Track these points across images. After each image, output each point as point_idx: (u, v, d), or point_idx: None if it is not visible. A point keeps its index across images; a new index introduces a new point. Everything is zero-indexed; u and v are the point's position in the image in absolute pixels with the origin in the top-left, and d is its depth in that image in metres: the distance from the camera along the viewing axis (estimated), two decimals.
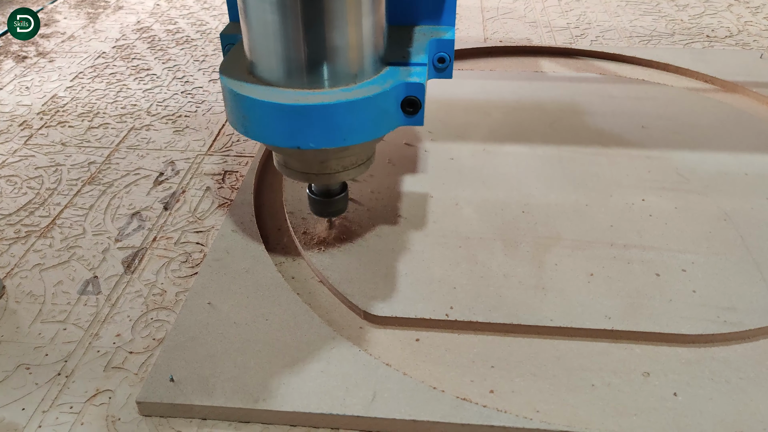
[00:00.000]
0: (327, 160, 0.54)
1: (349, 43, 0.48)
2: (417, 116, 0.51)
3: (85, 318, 0.58)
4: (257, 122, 0.48)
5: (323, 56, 0.47)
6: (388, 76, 0.50)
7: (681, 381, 0.50)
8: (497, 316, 0.55)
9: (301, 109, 0.46)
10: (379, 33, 0.50)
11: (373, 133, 0.50)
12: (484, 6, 1.28)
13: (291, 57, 0.47)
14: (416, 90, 0.49)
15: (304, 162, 0.55)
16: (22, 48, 1.11)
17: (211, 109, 0.91)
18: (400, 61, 0.52)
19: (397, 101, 0.50)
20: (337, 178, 0.56)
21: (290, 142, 0.48)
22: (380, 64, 0.51)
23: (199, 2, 1.31)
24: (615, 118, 0.83)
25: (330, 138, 0.48)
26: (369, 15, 0.48)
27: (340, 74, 0.48)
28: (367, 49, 0.49)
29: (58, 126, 0.87)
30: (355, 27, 0.47)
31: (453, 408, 0.47)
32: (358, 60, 0.49)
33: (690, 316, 0.54)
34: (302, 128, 0.47)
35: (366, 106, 0.48)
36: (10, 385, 0.52)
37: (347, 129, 0.48)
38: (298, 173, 0.55)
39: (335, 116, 0.47)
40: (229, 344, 0.53)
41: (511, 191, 0.70)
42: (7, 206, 0.72)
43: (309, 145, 0.48)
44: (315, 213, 0.61)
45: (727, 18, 1.20)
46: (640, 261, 0.60)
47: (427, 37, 0.56)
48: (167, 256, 0.65)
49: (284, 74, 0.48)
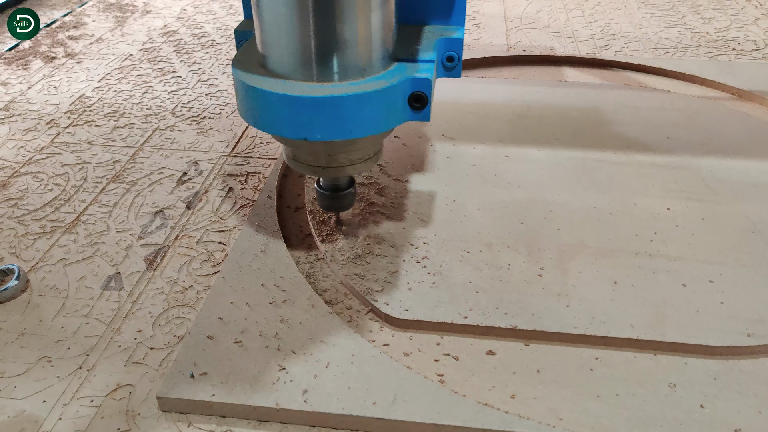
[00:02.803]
0: (335, 153, 0.55)
1: (358, 38, 0.48)
2: (424, 112, 0.51)
3: (107, 313, 0.58)
4: (267, 113, 0.49)
5: (333, 50, 0.48)
6: (396, 72, 0.51)
7: (708, 393, 0.49)
8: (520, 322, 0.54)
9: (309, 100, 0.47)
10: (387, 29, 0.51)
11: (380, 126, 0.50)
12: (508, 15, 1.28)
13: (301, 50, 0.48)
14: (423, 85, 0.50)
15: (312, 154, 0.55)
16: (51, 49, 1.13)
17: (234, 111, 0.92)
18: (409, 58, 0.53)
19: (404, 96, 0.51)
20: (345, 171, 0.56)
21: (298, 133, 0.49)
22: (389, 59, 0.52)
23: (224, 8, 1.33)
24: (640, 128, 0.82)
25: (337, 130, 0.49)
26: (378, 10, 0.49)
27: (349, 68, 0.49)
28: (376, 43, 0.50)
29: (85, 125, 0.88)
30: (364, 21, 0.48)
31: (475, 413, 0.47)
32: (367, 54, 0.50)
33: (717, 328, 0.53)
34: (310, 120, 0.48)
35: (373, 99, 0.49)
36: (31, 377, 0.52)
37: (354, 122, 0.49)
38: (307, 166, 0.56)
39: (343, 109, 0.48)
40: (249, 343, 0.52)
41: (534, 198, 0.69)
42: (34, 202, 0.73)
43: (316, 136, 0.49)
44: (322, 207, 0.62)
45: (754, 31, 1.19)
46: (665, 271, 0.59)
47: (436, 35, 0.57)
48: (189, 255, 0.65)
49: (294, 67, 0.49)
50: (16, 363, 0.53)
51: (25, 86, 1.00)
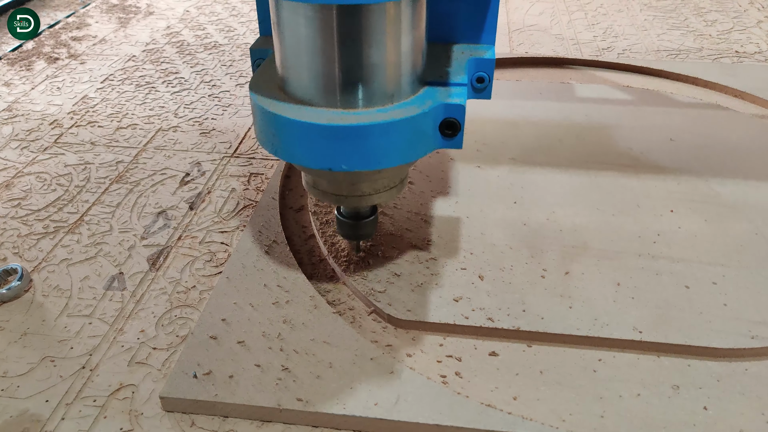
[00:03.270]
0: (358, 182, 0.52)
1: (387, 61, 0.45)
2: (456, 139, 0.48)
3: (110, 313, 0.58)
4: (288, 142, 0.46)
5: (359, 74, 0.45)
6: (426, 97, 0.48)
7: (711, 395, 0.49)
8: (522, 324, 0.54)
9: (334, 129, 0.44)
10: (418, 51, 0.47)
11: (408, 156, 0.47)
12: (511, 18, 1.28)
13: (325, 74, 0.45)
14: (456, 112, 0.47)
15: (334, 183, 0.52)
16: (54, 50, 1.13)
17: (237, 112, 0.92)
18: (439, 81, 0.49)
19: (435, 123, 0.47)
20: (368, 200, 0.53)
21: (322, 163, 0.46)
22: (418, 83, 0.49)
23: (227, 9, 1.33)
24: (643, 131, 0.82)
25: (364, 160, 0.46)
26: (409, 32, 0.45)
27: (376, 93, 0.46)
28: (406, 67, 0.46)
29: (88, 126, 0.89)
30: (394, 44, 0.45)
31: (478, 414, 0.47)
32: (396, 79, 0.46)
33: (721, 330, 0.53)
34: (335, 149, 0.45)
35: (403, 127, 0.45)
36: (34, 377, 0.52)
37: (382, 151, 0.45)
38: (328, 195, 0.53)
39: (370, 138, 0.45)
40: (252, 343, 0.53)
41: (536, 199, 0.69)
42: (37, 202, 0.73)
43: (341, 167, 0.46)
44: (342, 236, 0.59)
45: (756, 34, 1.19)
46: (669, 272, 0.59)
47: (466, 55, 0.53)
48: (192, 255, 0.65)
49: (318, 92, 0.46)
50: (19, 363, 0.53)
51: (28, 87, 1.00)
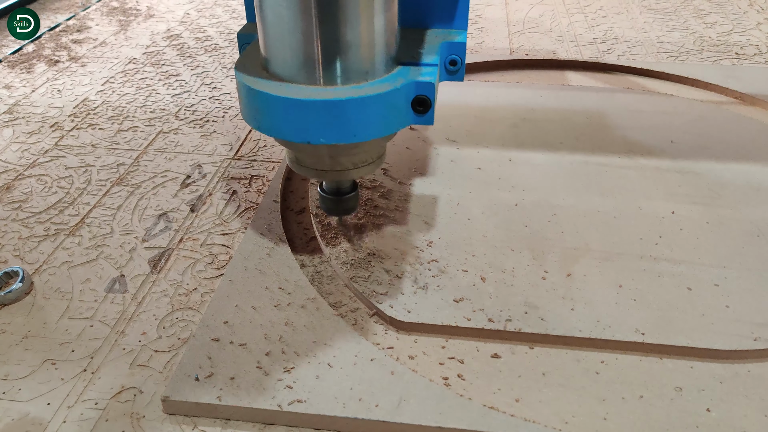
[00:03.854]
0: (338, 157, 0.55)
1: (361, 41, 0.48)
2: (427, 115, 0.51)
3: (112, 315, 0.58)
4: (270, 116, 0.49)
5: (336, 53, 0.48)
6: (399, 75, 0.51)
7: (714, 397, 0.49)
8: (525, 326, 0.54)
9: (312, 104, 0.47)
10: (390, 32, 0.51)
11: (383, 130, 0.50)
12: (510, 20, 1.28)
13: (304, 53, 0.48)
14: (426, 89, 0.50)
15: (315, 158, 0.55)
16: (55, 52, 1.13)
17: (238, 114, 0.92)
18: (412, 61, 0.53)
19: (407, 99, 0.51)
20: (348, 175, 0.56)
21: (301, 137, 0.49)
22: (392, 63, 0.52)
23: (227, 11, 1.33)
24: (643, 132, 0.82)
25: (340, 134, 0.49)
26: (381, 13, 0.49)
27: (352, 71, 0.49)
28: (379, 47, 0.50)
29: (89, 128, 0.89)
30: (367, 24, 0.48)
31: (480, 416, 0.46)
32: (370, 58, 0.50)
33: (723, 332, 0.53)
34: (313, 123, 0.48)
35: (376, 103, 0.48)
36: (36, 379, 0.52)
37: (358, 125, 0.49)
38: (310, 170, 0.56)
39: (346, 112, 0.48)
40: (254, 346, 0.52)
41: (538, 201, 0.69)
42: (38, 204, 0.73)
43: (320, 140, 0.49)
44: (326, 211, 0.62)
45: (756, 36, 1.19)
46: (670, 274, 0.59)
47: (439, 39, 0.57)
48: (193, 257, 0.65)
49: (297, 70, 0.49)
50: (21, 365, 0.53)
51: (29, 89, 1.00)
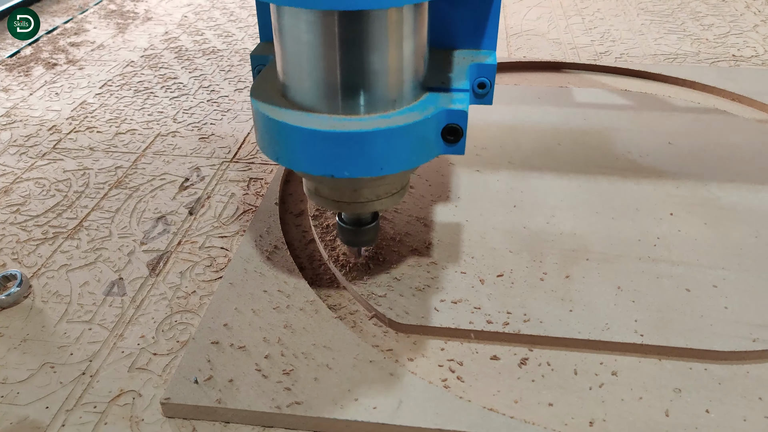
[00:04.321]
0: (360, 189, 0.52)
1: (389, 68, 0.45)
2: (458, 145, 0.48)
3: (110, 319, 0.58)
4: (290, 148, 0.46)
5: (361, 80, 0.45)
6: (428, 103, 0.48)
7: (713, 398, 0.49)
8: (524, 328, 0.54)
9: (337, 136, 0.44)
10: (419, 57, 0.47)
11: (411, 162, 0.47)
12: (508, 23, 1.28)
13: (327, 81, 0.45)
14: (459, 117, 0.47)
15: (335, 190, 0.52)
16: (53, 55, 1.13)
17: (236, 117, 0.92)
18: (441, 87, 0.49)
19: (437, 129, 0.47)
20: (370, 207, 0.53)
21: (324, 170, 0.46)
22: (420, 89, 0.49)
23: (225, 15, 1.33)
24: (641, 134, 0.83)
25: (366, 167, 0.45)
26: (410, 38, 0.45)
27: (379, 100, 0.46)
28: (408, 73, 0.47)
29: (87, 131, 0.89)
30: (396, 50, 0.45)
31: (480, 418, 0.46)
32: (398, 85, 0.46)
33: (722, 333, 0.53)
34: (337, 156, 0.45)
35: (405, 134, 0.45)
36: (34, 383, 0.52)
37: (384, 158, 0.45)
38: (329, 201, 0.53)
39: (373, 144, 0.45)
40: (252, 348, 0.52)
41: (536, 202, 0.69)
42: (36, 208, 0.73)
43: (344, 174, 0.45)
44: (344, 242, 0.59)
45: (753, 38, 1.19)
46: (669, 276, 0.59)
47: (467, 61, 0.53)
48: (192, 260, 0.65)
49: (319, 98, 0.46)
50: (19, 369, 0.53)
51: (26, 92, 1.00)
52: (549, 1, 1.40)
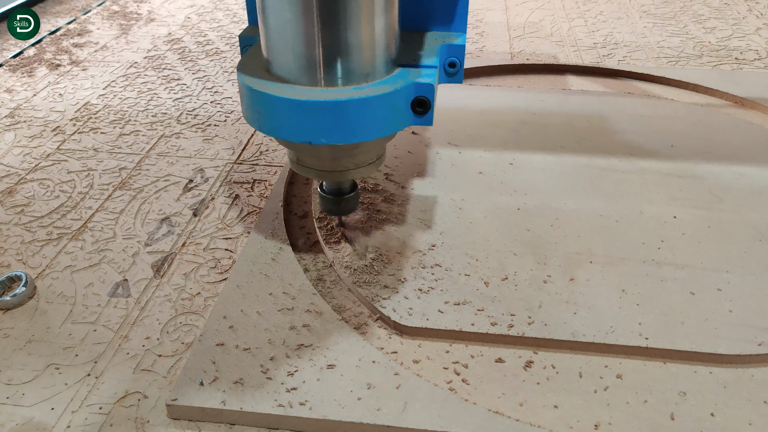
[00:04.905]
0: (339, 157, 0.55)
1: (363, 43, 0.49)
2: (426, 116, 0.52)
3: (115, 320, 0.58)
4: (271, 117, 0.50)
5: (337, 54, 0.49)
6: (399, 77, 0.52)
7: (718, 401, 0.49)
8: (528, 330, 0.54)
9: (314, 104, 0.48)
10: (391, 34, 0.52)
11: (383, 130, 0.51)
12: (511, 24, 1.28)
13: (306, 55, 0.49)
14: (426, 90, 0.51)
15: (316, 158, 0.56)
16: (56, 56, 1.13)
17: (240, 119, 0.92)
18: (411, 63, 0.54)
19: (407, 101, 0.51)
20: (349, 175, 0.57)
21: (303, 137, 0.50)
22: (392, 65, 0.53)
23: (228, 16, 1.33)
24: (644, 137, 0.83)
25: (341, 134, 0.50)
26: (382, 15, 0.49)
27: (353, 73, 0.50)
28: (380, 49, 0.51)
29: (91, 132, 0.89)
30: (369, 27, 0.49)
31: (485, 421, 0.47)
32: (371, 60, 0.51)
33: (727, 336, 0.53)
34: (315, 124, 0.49)
35: (377, 103, 0.49)
36: (39, 384, 0.52)
37: (359, 126, 0.50)
38: (311, 170, 0.57)
39: (347, 113, 0.49)
40: (258, 350, 0.52)
41: (540, 205, 0.69)
42: (40, 209, 0.73)
43: (321, 140, 0.50)
44: (326, 211, 0.63)
45: (756, 41, 1.19)
46: (673, 279, 0.59)
47: (438, 42, 0.58)
48: (196, 262, 0.65)
49: (299, 72, 0.50)
50: (24, 370, 0.53)
51: (30, 93, 1.00)
52: (551, 4, 1.40)
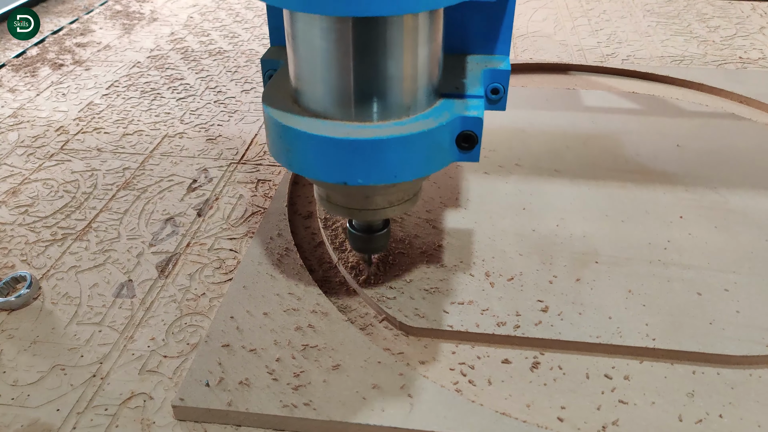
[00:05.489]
0: (372, 196, 0.51)
1: (404, 74, 0.44)
2: (473, 152, 0.47)
3: (120, 321, 0.58)
4: (302, 155, 0.46)
5: (375, 87, 0.44)
6: (443, 109, 0.47)
7: (726, 403, 0.49)
8: (534, 331, 0.54)
9: (351, 143, 0.43)
10: (434, 63, 0.47)
11: (425, 169, 0.47)
12: (514, 23, 1.28)
13: (341, 87, 0.44)
14: (474, 124, 0.46)
15: (347, 197, 0.52)
16: (59, 56, 1.13)
17: (243, 118, 0.92)
18: (455, 93, 0.49)
19: (452, 136, 0.47)
20: (381, 214, 0.53)
21: (337, 177, 0.45)
22: (434, 95, 0.48)
23: (231, 15, 1.33)
24: (649, 136, 0.82)
25: (380, 174, 0.45)
26: (426, 44, 0.45)
27: (393, 106, 0.45)
28: (422, 80, 0.46)
29: (94, 132, 0.88)
30: (411, 56, 0.44)
31: (493, 422, 0.46)
32: (412, 91, 0.46)
33: (734, 337, 0.53)
34: (351, 163, 0.44)
35: (420, 141, 0.45)
36: (45, 385, 0.52)
37: (398, 165, 0.45)
38: (340, 208, 0.53)
39: (387, 152, 0.44)
40: (264, 351, 0.52)
41: (545, 205, 0.69)
42: (44, 209, 0.73)
43: (357, 181, 0.45)
44: (354, 249, 0.58)
45: (760, 40, 1.19)
46: (680, 279, 0.59)
47: (481, 66, 0.52)
48: (201, 262, 0.65)
49: (333, 105, 0.45)
50: (30, 371, 0.53)
51: (33, 93, 1.00)
52: (554, 3, 1.39)
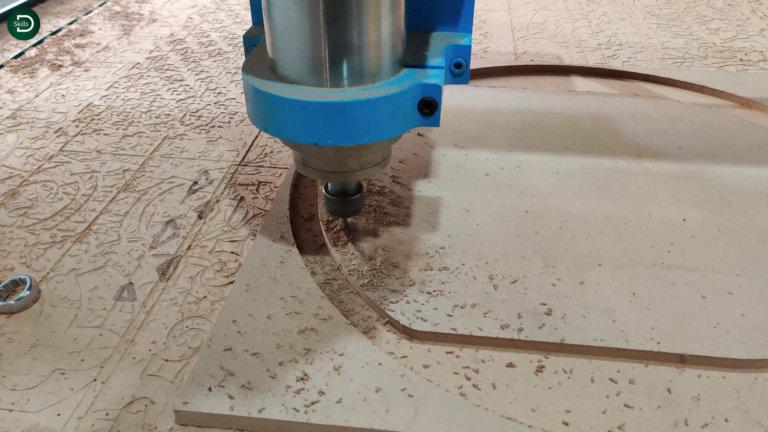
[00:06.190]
0: (344, 158, 0.55)
1: (369, 43, 0.49)
2: (433, 117, 0.52)
3: (121, 324, 0.57)
4: (277, 118, 0.50)
5: (343, 55, 0.49)
6: (405, 77, 0.52)
7: (731, 406, 0.48)
8: (539, 334, 0.53)
9: (320, 105, 0.48)
10: (397, 35, 0.51)
11: (390, 131, 0.51)
12: (514, 25, 1.28)
13: (312, 55, 0.49)
14: (433, 91, 0.51)
15: (322, 159, 0.56)
16: (58, 57, 1.12)
17: (244, 120, 0.91)
18: (418, 64, 0.54)
19: (414, 101, 0.51)
20: (354, 176, 0.57)
21: (309, 138, 0.49)
22: (398, 65, 0.53)
23: (230, 16, 1.32)
24: (651, 138, 0.82)
25: (348, 135, 0.49)
26: (388, 16, 0.49)
27: (360, 74, 0.50)
28: (386, 49, 0.50)
29: (94, 133, 0.88)
30: (375, 27, 0.49)
31: (498, 427, 0.46)
32: (377, 60, 0.50)
33: (739, 340, 0.53)
34: (321, 125, 0.49)
35: (384, 105, 0.49)
36: (45, 389, 0.51)
37: (365, 127, 0.49)
38: (316, 171, 0.57)
39: (354, 114, 0.48)
40: (266, 355, 0.52)
41: (548, 207, 0.69)
42: (43, 211, 0.72)
43: (327, 141, 0.49)
44: (330, 212, 0.62)
45: (760, 42, 1.19)
46: (684, 282, 0.59)
47: (444, 42, 0.58)
48: (202, 265, 0.64)
49: (305, 72, 0.50)
50: (29, 375, 0.52)
51: (32, 94, 0.99)
52: (554, 4, 1.39)
